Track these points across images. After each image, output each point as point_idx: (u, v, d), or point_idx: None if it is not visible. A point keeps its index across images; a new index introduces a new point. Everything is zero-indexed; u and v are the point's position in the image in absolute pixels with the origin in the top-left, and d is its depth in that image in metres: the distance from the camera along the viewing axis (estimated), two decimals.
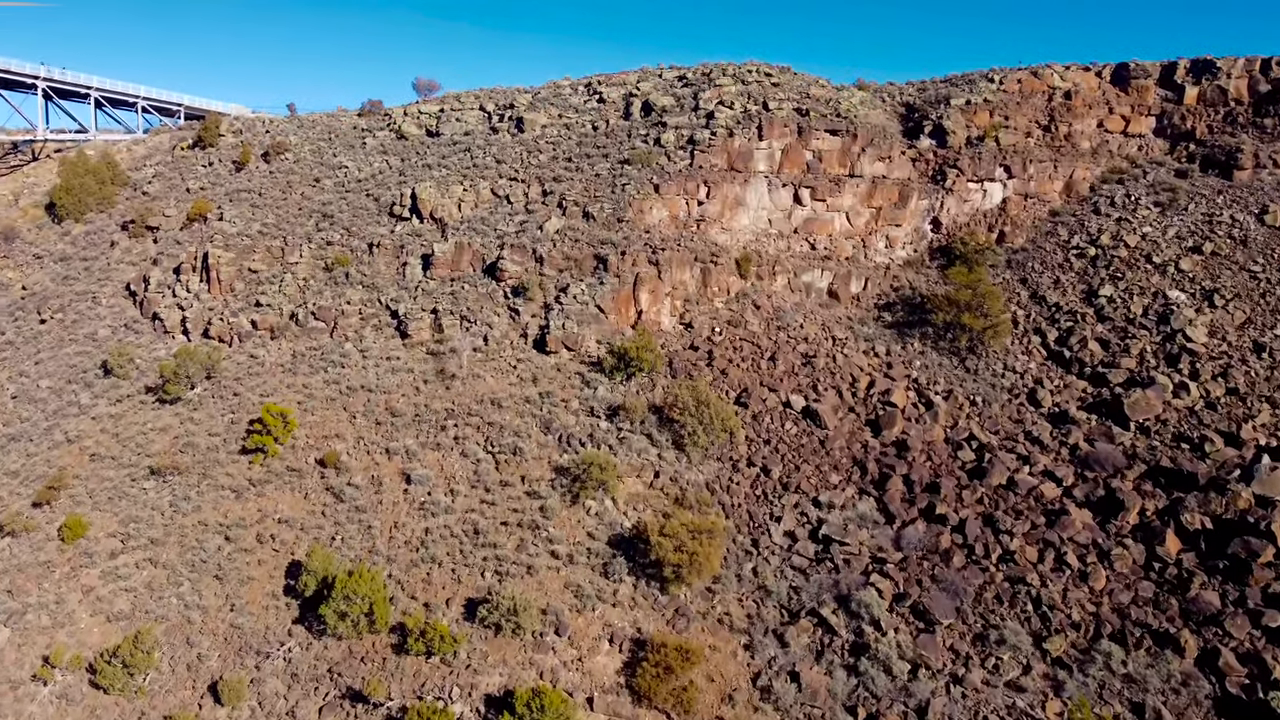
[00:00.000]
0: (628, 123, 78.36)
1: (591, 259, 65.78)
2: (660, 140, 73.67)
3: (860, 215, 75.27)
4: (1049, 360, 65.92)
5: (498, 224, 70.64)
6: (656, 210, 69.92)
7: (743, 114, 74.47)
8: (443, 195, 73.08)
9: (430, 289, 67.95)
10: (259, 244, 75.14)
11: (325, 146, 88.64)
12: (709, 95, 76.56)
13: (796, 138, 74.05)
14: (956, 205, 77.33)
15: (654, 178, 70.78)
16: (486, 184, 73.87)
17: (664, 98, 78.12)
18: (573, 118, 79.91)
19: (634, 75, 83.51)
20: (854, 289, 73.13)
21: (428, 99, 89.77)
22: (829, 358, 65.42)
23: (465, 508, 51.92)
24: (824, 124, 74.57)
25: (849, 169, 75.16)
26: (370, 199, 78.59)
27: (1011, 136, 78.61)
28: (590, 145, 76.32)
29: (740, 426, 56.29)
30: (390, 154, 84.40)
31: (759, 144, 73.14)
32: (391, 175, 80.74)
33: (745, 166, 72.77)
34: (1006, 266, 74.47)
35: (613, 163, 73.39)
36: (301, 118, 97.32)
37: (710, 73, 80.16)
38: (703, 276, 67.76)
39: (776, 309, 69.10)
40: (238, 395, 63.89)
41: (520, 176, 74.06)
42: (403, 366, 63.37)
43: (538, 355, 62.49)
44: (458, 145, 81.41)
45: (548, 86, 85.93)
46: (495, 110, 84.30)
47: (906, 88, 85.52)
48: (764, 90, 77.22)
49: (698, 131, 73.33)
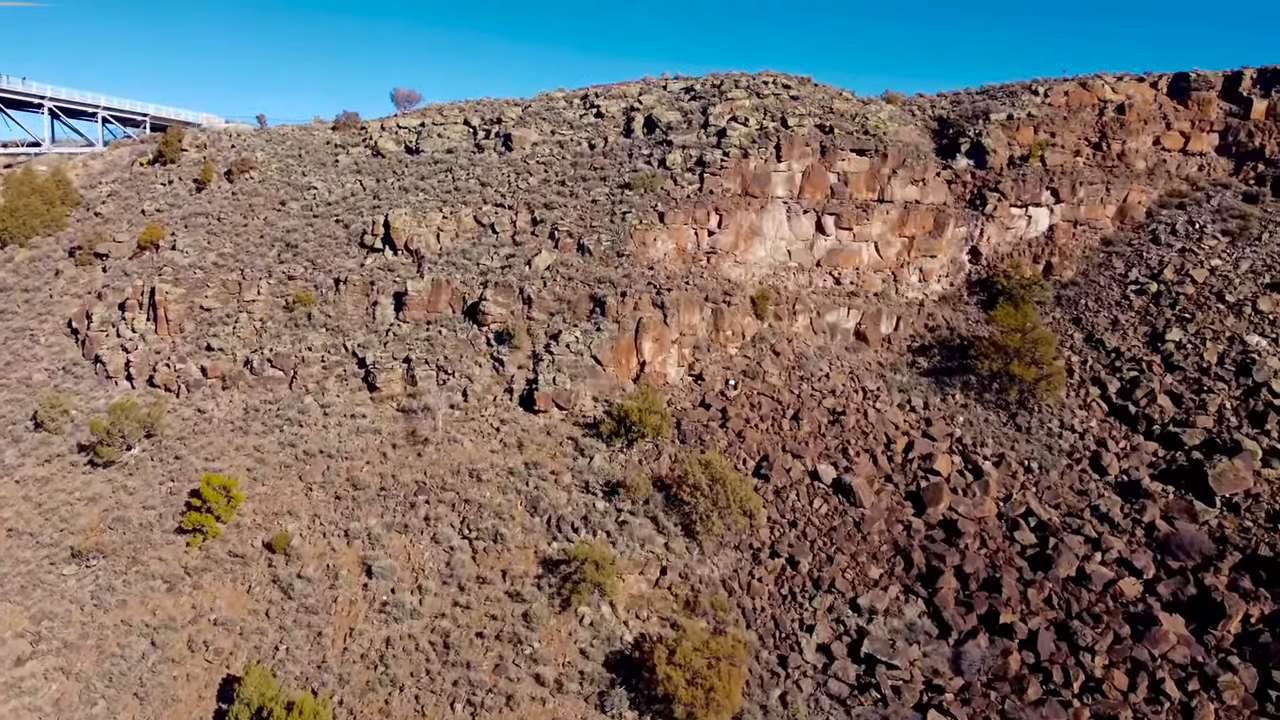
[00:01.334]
0: (628, 141, 69.89)
1: (587, 300, 57.32)
2: (665, 161, 65.23)
3: (890, 245, 66.82)
4: (1111, 416, 57.50)
5: (481, 257, 62.19)
6: (661, 242, 61.47)
7: (758, 131, 66.00)
8: (419, 223, 64.62)
9: (403, 333, 59.50)
10: (213, 277, 66.71)
11: (294, 164, 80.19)
12: (720, 110, 68.10)
13: (819, 158, 65.61)
14: (998, 233, 68.88)
15: (658, 205, 62.34)
16: (469, 210, 65.42)
17: (669, 113, 69.62)
18: (567, 134, 71.41)
19: (635, 87, 74.96)
20: (884, 329, 64.70)
21: (407, 111, 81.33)
22: (859, 413, 57.01)
23: (434, 611, 43.47)
24: (850, 142, 66.12)
25: (878, 193, 66.71)
26: (340, 226, 70.15)
27: (1058, 156, 70.15)
28: (586, 166, 67.87)
29: (761, 506, 47.85)
30: (364, 173, 75.96)
31: (777, 166, 64.70)
32: (365, 198, 72.29)
33: (762, 191, 64.33)
34: (1056, 304, 66.05)
35: (611, 187, 64.95)
36: (271, 131, 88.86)
37: (721, 84, 71.65)
38: (714, 319, 59.33)
39: (798, 355, 60.66)
40: (180, 459, 55.46)
41: (507, 202, 65.63)
42: (369, 426, 54.94)
43: (524, 415, 54.06)
44: (439, 165, 72.96)
45: (539, 99, 77.41)
46: (481, 125, 75.88)
47: (938, 100, 77.02)
48: (782, 104, 68.75)
49: (707, 151, 64.88)
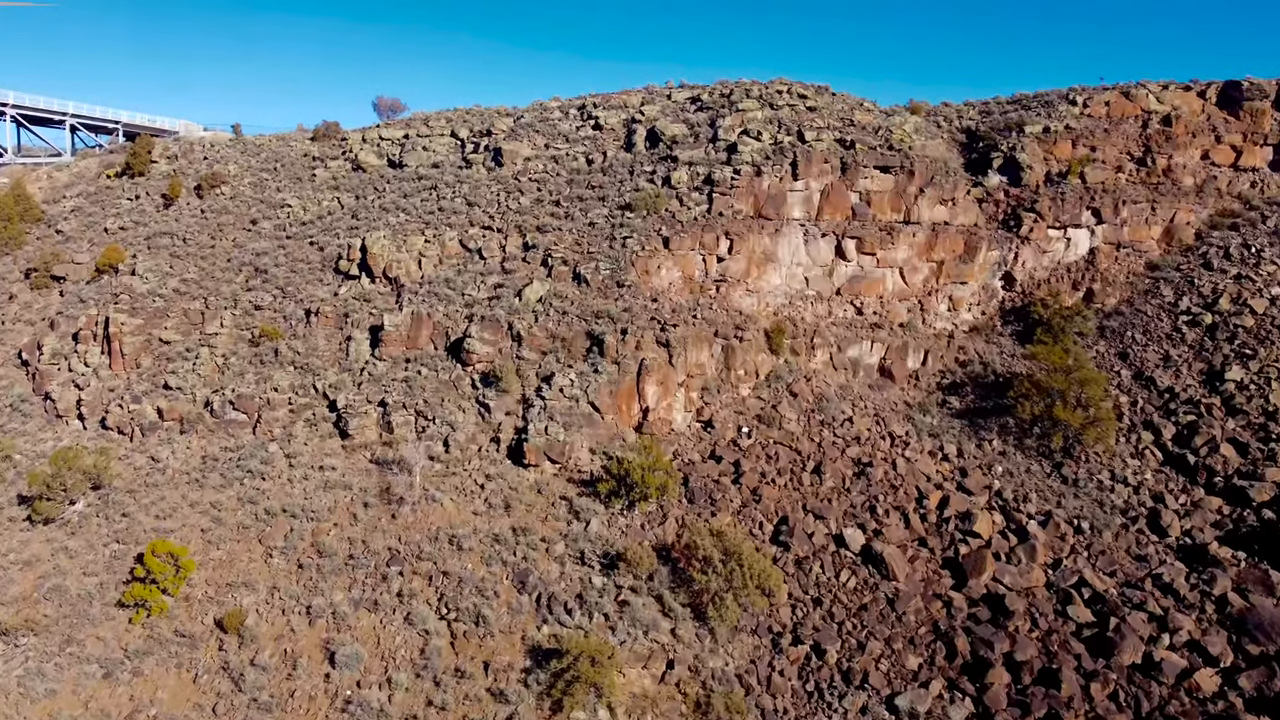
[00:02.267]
0: (629, 156, 63.93)
1: (583, 338, 51.41)
2: (670, 180, 59.30)
3: (917, 271, 60.88)
4: (1168, 467, 51.56)
5: (466, 287, 56.25)
6: (666, 270, 55.53)
7: (772, 146, 60.03)
8: (399, 248, 58.70)
9: (378, 373, 53.57)
10: (174, 306, 60.83)
11: (268, 179, 74.29)
12: (730, 122, 62.13)
13: (839, 176, 59.66)
14: (1034, 257, 62.94)
15: (662, 228, 56.41)
16: (454, 234, 59.49)
17: (674, 125, 63.60)
18: (562, 149, 65.44)
19: (636, 96, 69.01)
20: (911, 364, 58.79)
21: (390, 121, 75.39)
22: (887, 464, 51.12)
23: (405, 711, 37.55)
24: (873, 158, 60.15)
25: (903, 214, 60.76)
26: (314, 248, 64.27)
27: (1099, 172, 64.18)
28: (583, 185, 61.93)
29: (781, 581, 41.92)
30: (343, 190, 70.03)
31: (793, 184, 58.74)
32: (342, 218, 66.39)
33: (776, 213, 58.38)
34: (1099, 336, 60.09)
35: (611, 208, 59.01)
36: (247, 141, 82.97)
37: (730, 94, 65.66)
38: (725, 356, 53.42)
39: (818, 396, 54.74)
40: (128, 516, 49.57)
41: (496, 224, 59.71)
42: (338, 480, 49.03)
43: (512, 469, 48.15)
44: (423, 181, 67.01)
45: (533, 108, 71.48)
46: (469, 137, 69.93)
47: (966, 110, 71.06)
48: (797, 116, 62.76)
49: (716, 169, 58.93)
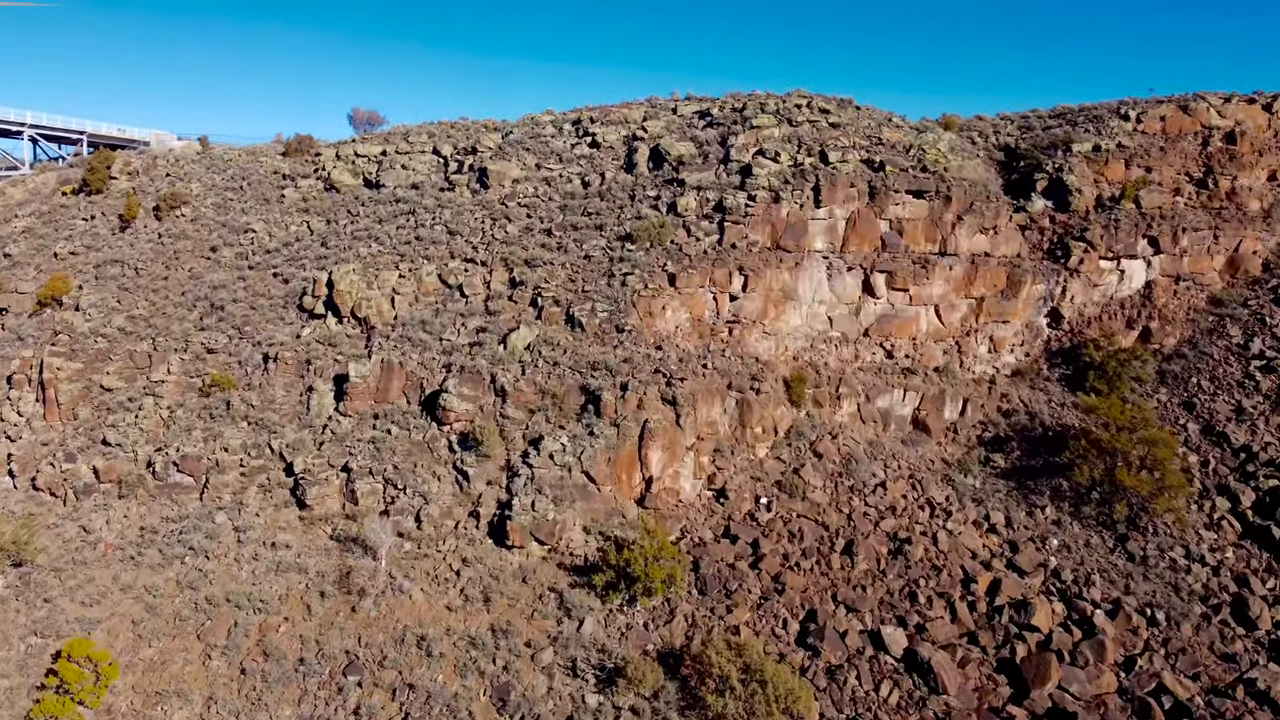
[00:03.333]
0: (630, 178, 57.08)
1: (577, 393, 44.66)
2: (676, 206, 52.50)
3: (954, 309, 54.10)
4: (1248, 540, 44.92)
5: (444, 330, 49.48)
6: (672, 311, 48.78)
7: (791, 168, 53.25)
8: (370, 284, 51.94)
9: (342, 431, 46.82)
10: (118, 348, 54.10)
11: (234, 199, 67.51)
12: (743, 141, 55.31)
13: (867, 202, 52.88)
14: (1083, 291, 56.15)
15: (668, 263, 49.65)
16: (433, 267, 52.70)
17: (680, 144, 56.74)
18: (555, 169, 58.59)
19: (638, 109, 62.11)
20: (949, 415, 52.05)
21: (368, 136, 68.58)
22: (927, 538, 44.39)
23: None
24: (905, 181, 53.36)
25: (938, 244, 54.00)
26: (278, 281, 57.52)
27: (1156, 196, 57.40)
28: (578, 211, 55.11)
29: (812, 699, 35.10)
30: (313, 213, 63.25)
31: (815, 212, 51.98)
32: (311, 245, 59.62)
33: (797, 244, 51.61)
34: (1159, 382, 53.35)
35: (609, 238, 52.23)
36: (215, 155, 76.14)
37: (743, 108, 58.80)
38: (740, 412, 46.68)
39: (845, 456, 48.00)
40: (49, 602, 42.83)
41: (480, 256, 52.93)
42: (293, 561, 42.30)
43: (494, 550, 41.39)
44: (400, 204, 60.21)
45: (523, 123, 64.63)
46: (453, 154, 63.11)
47: (1003, 124, 64.21)
48: (819, 133, 55.94)
49: (728, 194, 52.13)
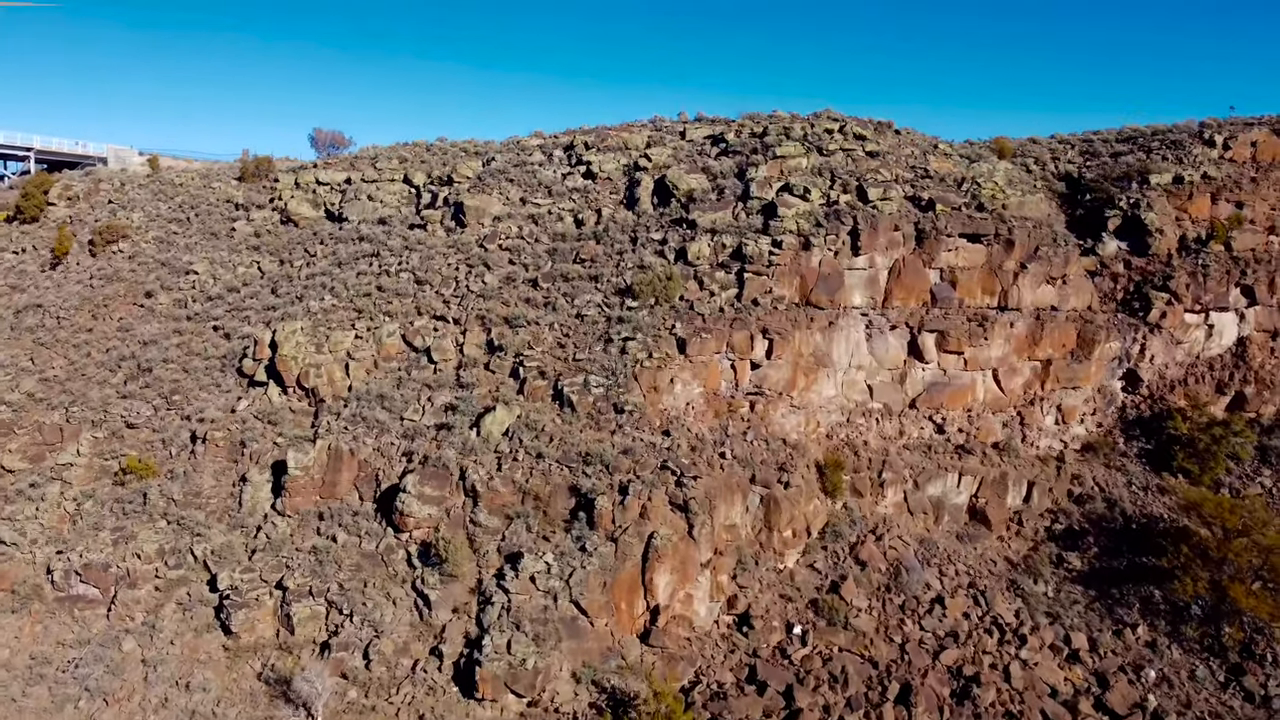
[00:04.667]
0: (632, 216, 48.52)
1: (565, 495, 36.14)
2: (687, 253, 43.96)
3: (1016, 373, 45.61)
4: None
5: (407, 407, 40.96)
6: (682, 385, 40.25)
7: (824, 207, 44.74)
8: (320, 346, 43.44)
9: (279, 536, 38.30)
10: (25, 419, 45.63)
11: (178, 232, 59.04)
12: (765, 173, 46.76)
13: (914, 248, 44.41)
14: (1165, 350, 47.66)
15: (677, 324, 41.14)
16: (396, 326, 44.18)
17: (691, 176, 48.15)
18: (543, 205, 49.98)
19: (640, 133, 53.42)
20: (1011, 502, 43.62)
21: (332, 159, 60.02)
22: (998, 672, 35.93)
23: None
24: (958, 223, 44.87)
25: (997, 297, 45.51)
26: (218, 335, 49.06)
27: (1249, 236, 48.90)
28: (569, 257, 46.54)
29: None
30: (266, 251, 54.76)
31: (853, 260, 43.50)
32: (259, 292, 51.13)
33: (831, 299, 43.11)
34: (1260, 460, 44.95)
35: (607, 292, 43.70)
36: (164, 177, 67.57)
37: (764, 132, 50.16)
38: (765, 511, 38.22)
39: (893, 564, 39.50)
40: None
41: (452, 312, 44.41)
42: (209, 708, 33.82)
43: (460, 702, 32.84)
44: (364, 244, 51.67)
45: (507, 147, 55.93)
46: (427, 184, 54.58)
47: (1062, 148, 55.61)
48: (855, 164, 47.38)
49: (749, 239, 43.59)
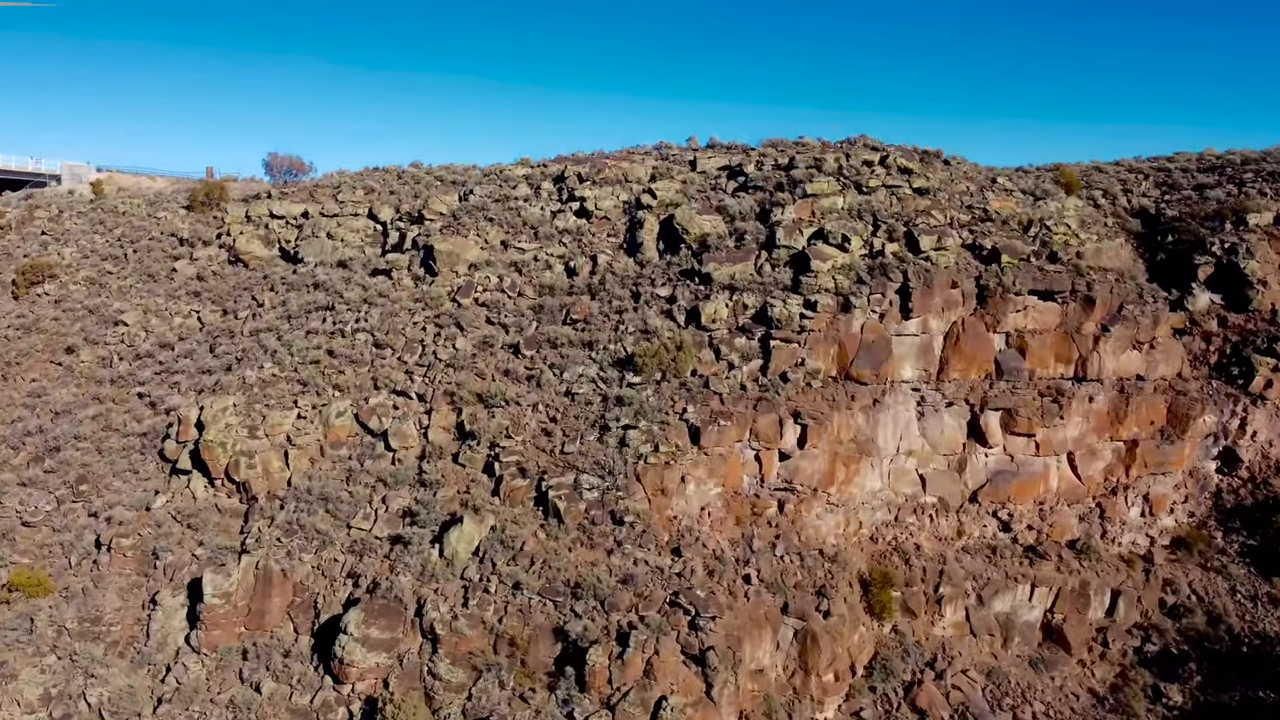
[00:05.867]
0: (634, 265, 40.70)
1: (549, 641, 28.44)
2: (700, 315, 36.20)
3: (1095, 457, 37.90)
4: None
5: (355, 511, 33.26)
6: (695, 485, 32.56)
7: (866, 258, 37.01)
8: (255, 429, 35.75)
9: (191, 682, 30.59)
10: None
11: (112, 272, 51.40)
12: (794, 214, 39.00)
13: (976, 308, 36.72)
14: (1269, 424, 39.97)
15: (689, 406, 33.45)
16: (347, 403, 36.47)
17: (704, 218, 40.29)
18: (528, 249, 42.16)
19: (643, 163, 45.44)
20: (1093, 616, 36.09)
21: (290, 187, 52.18)
22: None
23: None
24: (1028, 277, 37.15)
25: (1073, 366, 37.79)
26: (143, 404, 41.40)
27: None
28: (558, 316, 38.77)
29: None
30: (208, 297, 47.10)
31: (903, 325, 35.82)
32: (195, 351, 43.45)
33: (876, 371, 35.40)
34: None
35: (603, 363, 35.97)
36: (109, 203, 59.84)
37: (790, 163, 42.30)
38: (800, 650, 30.60)
39: (957, 710, 31.82)
40: None
41: (416, 386, 36.69)
42: None
43: None
44: (319, 292, 43.94)
45: (489, 176, 47.89)
46: (394, 220, 46.87)
47: (1134, 179, 47.81)
48: (902, 204, 39.61)
49: (776, 298, 35.86)
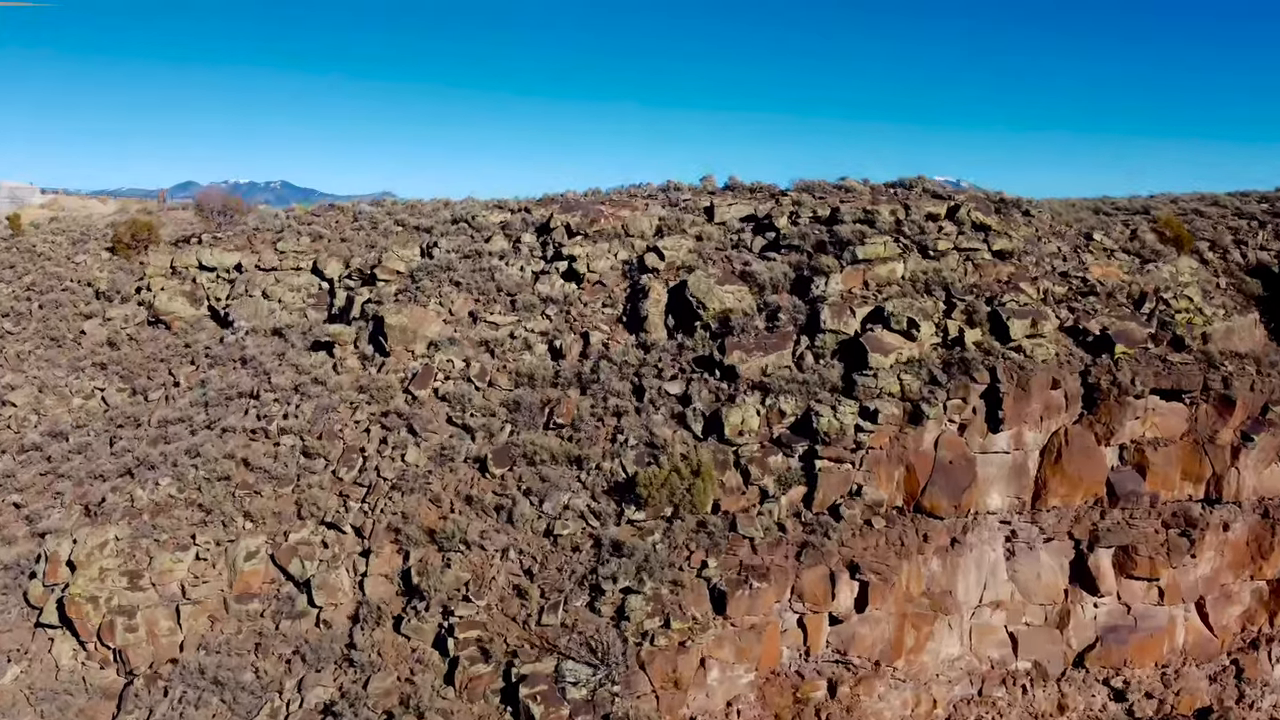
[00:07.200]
0: (636, 348, 31.95)
1: None
2: (724, 425, 27.57)
3: (1232, 602, 29.38)
4: None
5: (261, 704, 24.78)
6: (720, 670, 24.06)
7: (940, 349, 28.47)
8: (138, 577, 27.27)
9: None
10: None
11: (11, 333, 42.74)
12: (840, 285, 30.39)
13: (1083, 415, 28.23)
14: None
15: (708, 556, 24.97)
16: (260, 540, 27.95)
17: (725, 289, 31.48)
18: (502, 324, 33.50)
19: (647, 212, 36.24)
20: None
21: (223, 233, 43.51)
22: None
23: None
24: (1149, 372, 28.63)
25: (1204, 485, 29.27)
26: (18, 517, 32.81)
27: None
28: (539, 418, 30.14)
29: None
30: (116, 370, 38.58)
31: (990, 439, 27.34)
32: (91, 445, 34.90)
33: (954, 501, 26.89)
34: None
35: (595, 489, 27.36)
36: (26, 242, 51.26)
37: (832, 215, 33.55)
38: None
39: None
40: None
41: (351, 516, 28.18)
42: None
43: None
44: (245, 370, 35.43)
45: (458, 220, 38.83)
46: (342, 279, 38.30)
47: (1247, 226, 39.20)
48: (979, 271, 30.99)
49: (822, 402, 27.29)
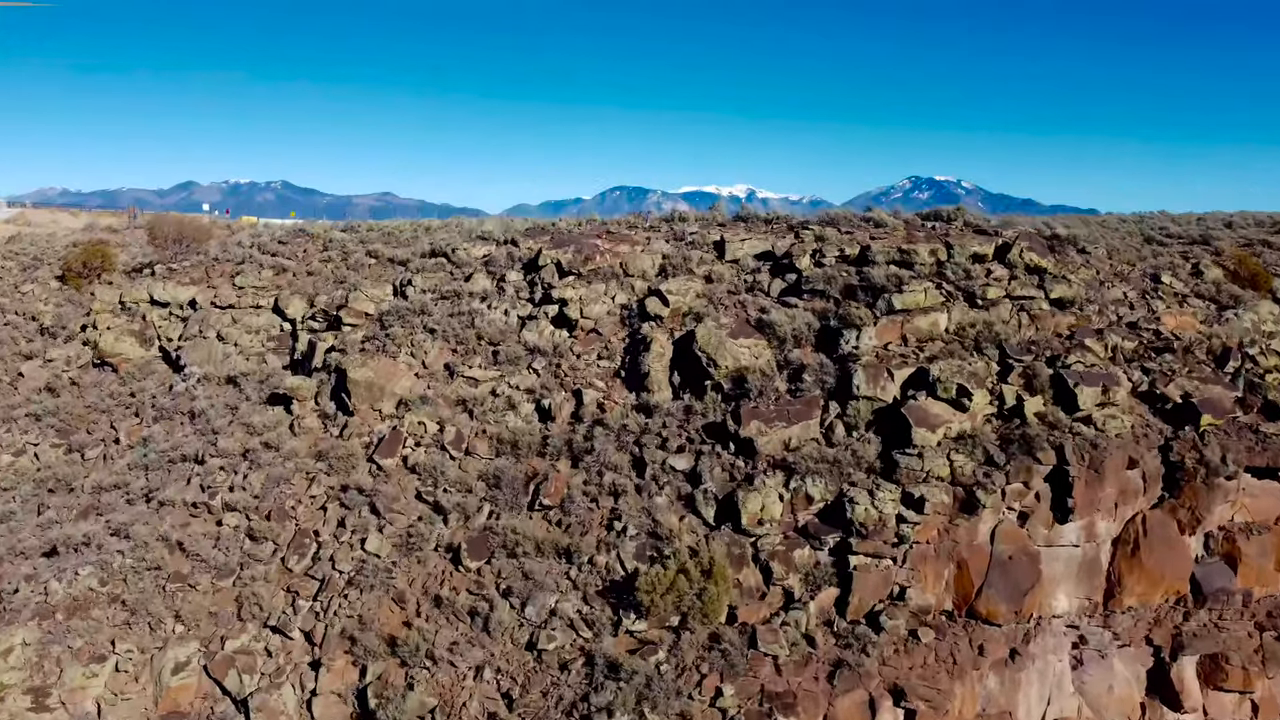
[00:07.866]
0: (637, 408, 27.56)
1: None
2: (740, 512, 23.23)
3: None
4: None
5: None
6: None
7: (996, 421, 24.11)
8: (45, 692, 22.93)
9: None
10: None
11: None
12: (874, 340, 25.96)
13: (1163, 498, 23.87)
14: None
15: (723, 679, 20.64)
16: (193, 647, 23.63)
17: (739, 342, 27.10)
18: (483, 380, 29.13)
19: (648, 249, 31.71)
20: None
21: (178, 259, 39.15)
22: None
23: None
24: (1240, 446, 24.23)
25: None
26: None
27: None
28: (523, 497, 25.85)
29: None
30: (52, 422, 34.24)
31: (1055, 531, 22.95)
32: (18, 512, 30.49)
33: (1013, 605, 22.54)
34: None
35: (587, 590, 22.95)
36: None
37: (861, 255, 29.01)
38: None
39: None
40: None
41: (300, 618, 23.83)
42: None
43: None
44: (192, 426, 31.09)
45: (438, 260, 34.56)
46: (305, 320, 33.98)
47: None
48: (1036, 323, 26.58)
49: (858, 486, 22.96)
